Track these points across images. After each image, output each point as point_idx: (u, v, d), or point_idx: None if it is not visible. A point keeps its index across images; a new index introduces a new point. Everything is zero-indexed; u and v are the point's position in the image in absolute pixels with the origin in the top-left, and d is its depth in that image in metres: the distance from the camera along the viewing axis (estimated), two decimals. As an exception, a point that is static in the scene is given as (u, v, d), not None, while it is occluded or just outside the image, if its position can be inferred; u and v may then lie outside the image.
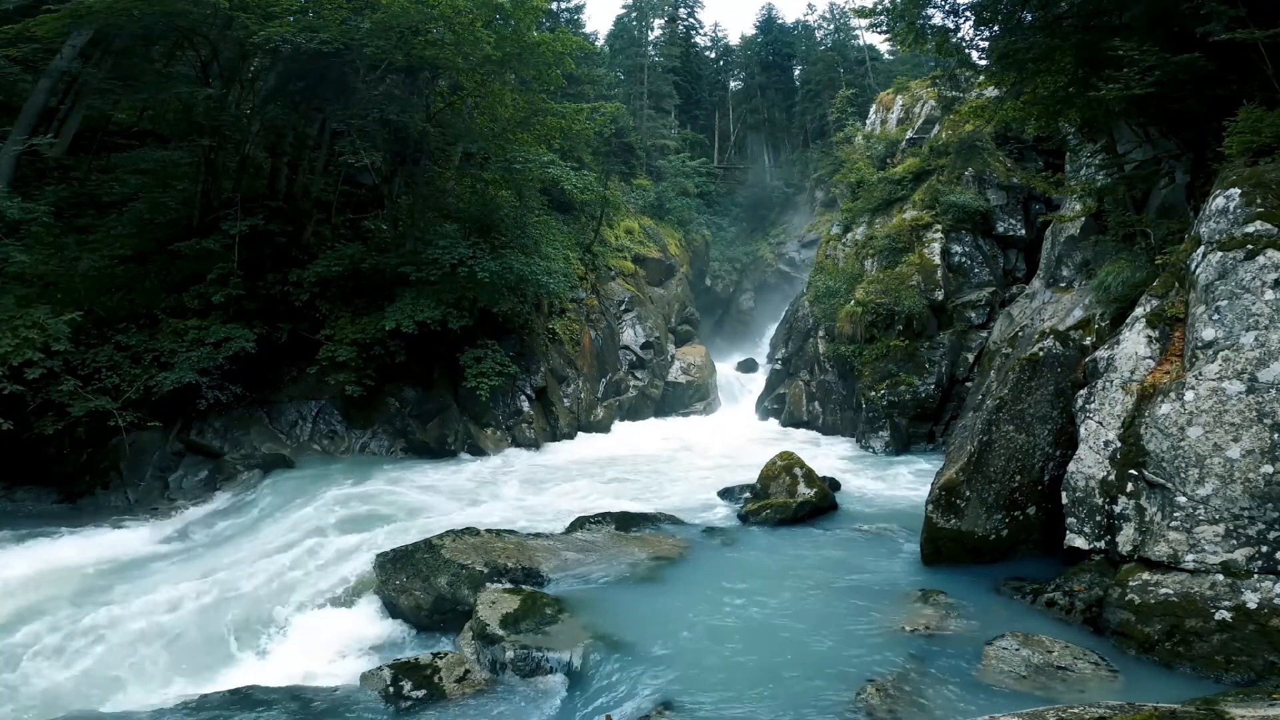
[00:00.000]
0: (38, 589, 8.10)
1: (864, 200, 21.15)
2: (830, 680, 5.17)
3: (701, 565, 7.88)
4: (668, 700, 4.96)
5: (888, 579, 7.32)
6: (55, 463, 11.86)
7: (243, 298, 13.54)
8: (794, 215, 39.47)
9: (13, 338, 10.46)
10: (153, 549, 9.83)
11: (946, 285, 17.34)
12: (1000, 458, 7.49)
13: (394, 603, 7.21)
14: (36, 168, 13.76)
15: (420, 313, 14.04)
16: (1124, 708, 3.59)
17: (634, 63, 40.93)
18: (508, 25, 15.74)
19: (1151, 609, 5.63)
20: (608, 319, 22.86)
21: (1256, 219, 6.18)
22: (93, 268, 12.58)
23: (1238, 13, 7.42)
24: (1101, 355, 7.08)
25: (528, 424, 16.89)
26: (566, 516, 9.78)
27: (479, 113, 17.07)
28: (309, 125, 15.92)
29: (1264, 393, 5.64)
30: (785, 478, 10.42)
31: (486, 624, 6.19)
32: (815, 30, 49.94)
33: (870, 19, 11.80)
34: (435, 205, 16.79)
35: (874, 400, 16.45)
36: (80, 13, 12.03)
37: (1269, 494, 5.46)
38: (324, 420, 14.51)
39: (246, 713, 5.27)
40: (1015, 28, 10.33)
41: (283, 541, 9.26)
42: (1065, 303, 13.34)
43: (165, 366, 12.31)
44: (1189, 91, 8.37)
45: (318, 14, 13.89)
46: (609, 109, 20.71)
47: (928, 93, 23.53)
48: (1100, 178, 11.59)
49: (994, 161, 18.63)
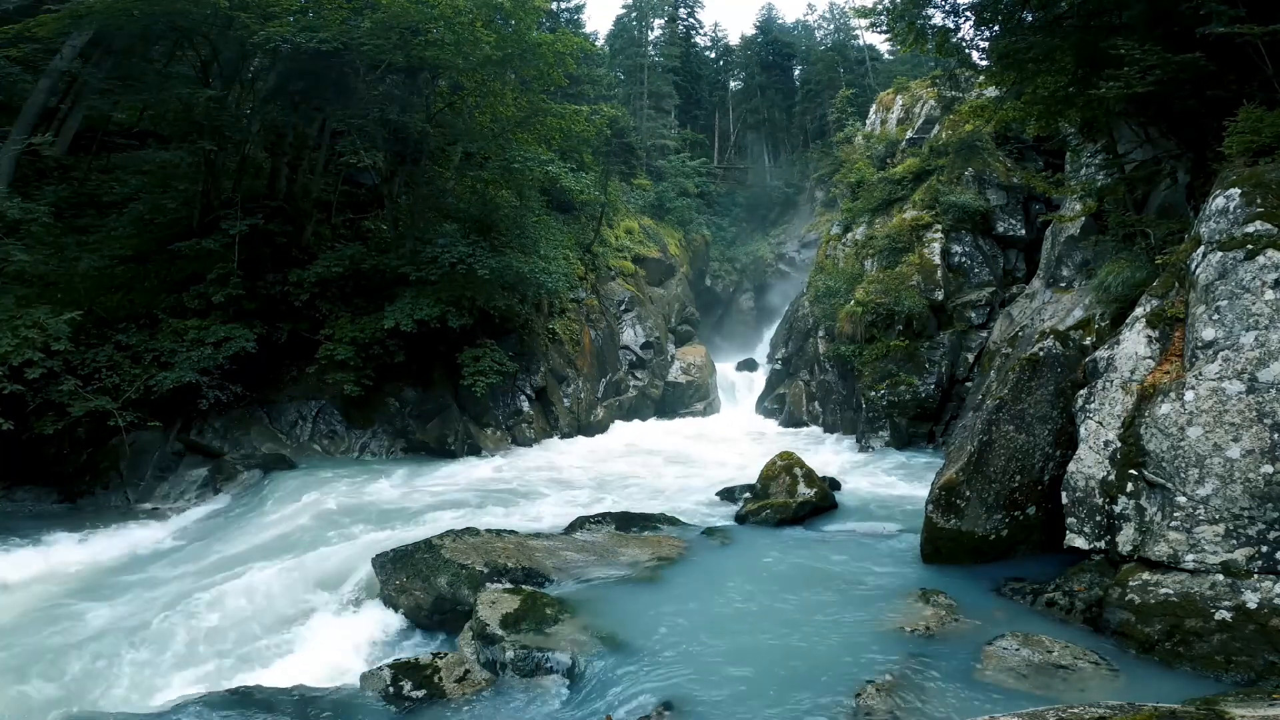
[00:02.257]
0: (38, 589, 8.11)
1: (864, 200, 21.14)
2: (830, 680, 5.16)
3: (701, 565, 7.87)
4: (668, 700, 4.96)
5: (888, 579, 7.31)
6: (55, 463, 11.86)
7: (243, 298, 13.54)
8: (794, 215, 39.46)
9: (13, 338, 10.46)
10: (152, 549, 9.83)
11: (946, 285, 17.33)
12: (1000, 458, 7.48)
13: (394, 603, 7.20)
14: (36, 168, 13.77)
15: (419, 311, 14.05)
16: (1124, 708, 3.58)
17: (634, 63, 40.91)
18: (508, 25, 15.75)
19: (1151, 609, 5.62)
20: (608, 319, 22.86)
21: (1256, 219, 6.18)
22: (93, 268, 12.59)
23: (1237, 12, 7.42)
24: (1101, 355, 7.07)
25: (528, 424, 16.90)
26: (566, 516, 9.78)
27: (479, 113, 17.08)
28: (309, 125, 15.93)
29: (1264, 393, 5.64)
30: (785, 478, 10.42)
31: (486, 624, 6.18)
32: (815, 30, 50.09)
33: (870, 19, 11.81)
34: (435, 205, 16.80)
35: (874, 400, 16.45)
36: (80, 13, 12.04)
37: (1269, 494, 5.45)
38: (324, 420, 14.51)
39: (246, 713, 5.26)
40: (1015, 28, 10.33)
41: (282, 542, 9.26)
42: (1065, 303, 13.33)
43: (165, 366, 12.31)
44: (1189, 91, 8.37)
45: (318, 14, 13.90)
46: (608, 112, 20.73)
47: (928, 93, 23.52)
48: (1100, 178, 11.59)
49: (994, 161, 18.62)
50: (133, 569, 8.84)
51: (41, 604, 7.62)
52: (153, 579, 8.40)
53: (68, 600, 7.77)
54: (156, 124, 16.01)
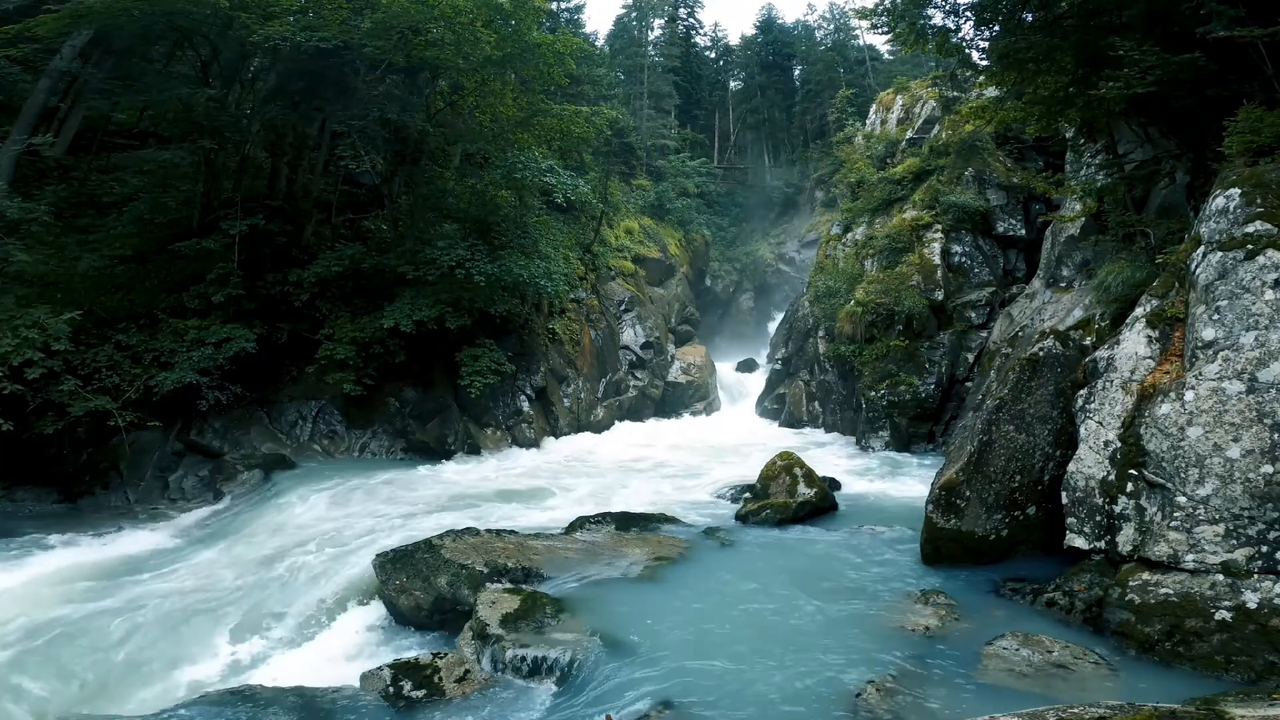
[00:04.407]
0: (37, 589, 8.10)
1: (864, 200, 21.15)
2: (830, 680, 5.17)
3: (701, 565, 7.87)
4: (667, 700, 4.96)
5: (888, 579, 7.31)
6: (55, 463, 11.85)
7: (243, 298, 13.54)
8: (794, 215, 39.48)
9: (13, 338, 10.46)
10: (152, 549, 9.82)
11: (946, 285, 17.34)
12: (1000, 458, 7.49)
13: (394, 603, 7.21)
14: (36, 168, 13.77)
15: (419, 312, 14.05)
16: (1124, 707, 3.59)
17: (634, 63, 40.92)
18: (508, 25, 15.72)
19: (1151, 609, 5.62)
20: (608, 319, 22.86)
21: (1256, 219, 6.18)
22: (93, 268, 12.58)
23: (1237, 12, 7.42)
24: (1101, 355, 7.08)
25: (528, 424, 16.90)
26: (566, 516, 9.78)
27: (479, 113, 17.07)
28: (309, 125, 15.92)
29: (1264, 393, 5.64)
30: (785, 478, 10.42)
31: (486, 624, 6.19)
32: (815, 30, 50.07)
33: (871, 20, 11.80)
34: (435, 205, 16.80)
35: (874, 400, 16.45)
36: (80, 13, 12.04)
37: (1269, 494, 5.46)
38: (324, 420, 14.51)
39: (246, 712, 5.26)
40: (1015, 28, 10.33)
41: (282, 542, 9.25)
42: (1065, 303, 13.34)
43: (165, 366, 12.31)
44: (1189, 91, 8.37)
45: (318, 14, 13.88)
46: (608, 113, 20.71)
47: (928, 93, 23.52)
48: (1100, 178, 11.59)
49: (994, 161, 18.63)
50: (132, 569, 8.83)
51: (41, 604, 7.60)
52: (152, 579, 8.39)
53: (67, 600, 7.76)
54: (156, 124, 16.01)
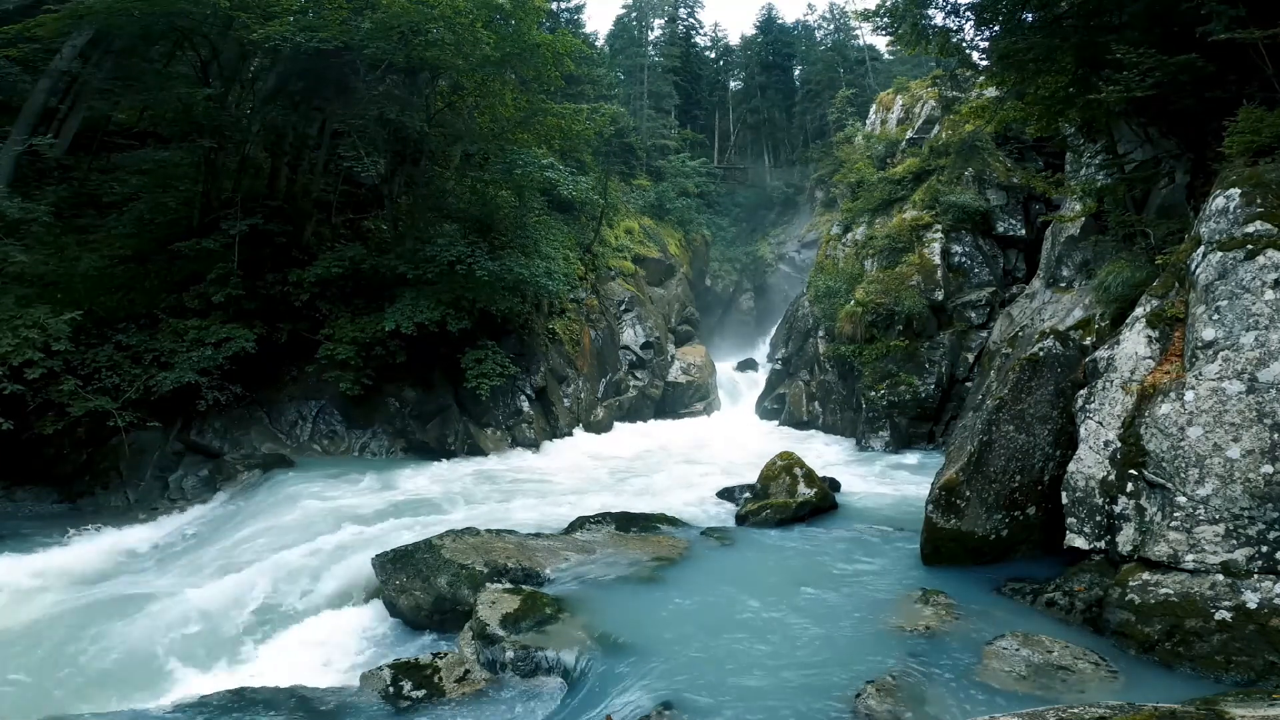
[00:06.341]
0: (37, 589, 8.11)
1: (864, 200, 21.15)
2: (830, 680, 5.17)
3: (701, 565, 7.87)
4: (668, 700, 4.95)
5: (888, 579, 7.31)
6: (55, 463, 11.87)
7: (243, 298, 13.54)
8: (794, 215, 39.45)
9: (13, 338, 10.47)
10: (152, 548, 9.83)
11: (946, 285, 17.34)
12: (1000, 458, 7.48)
13: (394, 603, 7.21)
14: (36, 168, 13.77)
15: (419, 314, 14.03)
16: (1124, 708, 3.59)
17: (634, 63, 40.92)
18: (508, 25, 15.73)
19: (1151, 609, 5.62)
20: (608, 319, 22.85)
21: (1256, 219, 6.18)
22: (93, 268, 12.59)
23: (1238, 12, 7.41)
24: (1101, 355, 7.07)
25: (528, 424, 16.89)
26: (566, 516, 9.77)
27: (479, 113, 17.07)
28: (309, 125, 15.94)
29: (1264, 393, 5.64)
30: (785, 478, 10.42)
31: (486, 624, 6.18)
32: (815, 30, 50.09)
33: (873, 21, 11.81)
34: (435, 205, 16.80)
35: (874, 400, 16.45)
36: (80, 13, 12.05)
37: (1269, 494, 5.45)
38: (324, 420, 14.51)
39: (246, 712, 5.26)
40: (1016, 28, 10.33)
41: (282, 542, 9.24)
42: (1065, 303, 13.33)
43: (165, 366, 12.31)
44: (1189, 92, 8.37)
45: (318, 14, 13.89)
46: (608, 110, 20.69)
47: (928, 93, 23.52)
48: (1100, 178, 11.59)
49: (994, 161, 18.63)
50: (132, 569, 8.84)
51: (40, 604, 7.61)
52: (152, 579, 8.40)
53: (66, 600, 7.77)
54: (156, 124, 16.02)
